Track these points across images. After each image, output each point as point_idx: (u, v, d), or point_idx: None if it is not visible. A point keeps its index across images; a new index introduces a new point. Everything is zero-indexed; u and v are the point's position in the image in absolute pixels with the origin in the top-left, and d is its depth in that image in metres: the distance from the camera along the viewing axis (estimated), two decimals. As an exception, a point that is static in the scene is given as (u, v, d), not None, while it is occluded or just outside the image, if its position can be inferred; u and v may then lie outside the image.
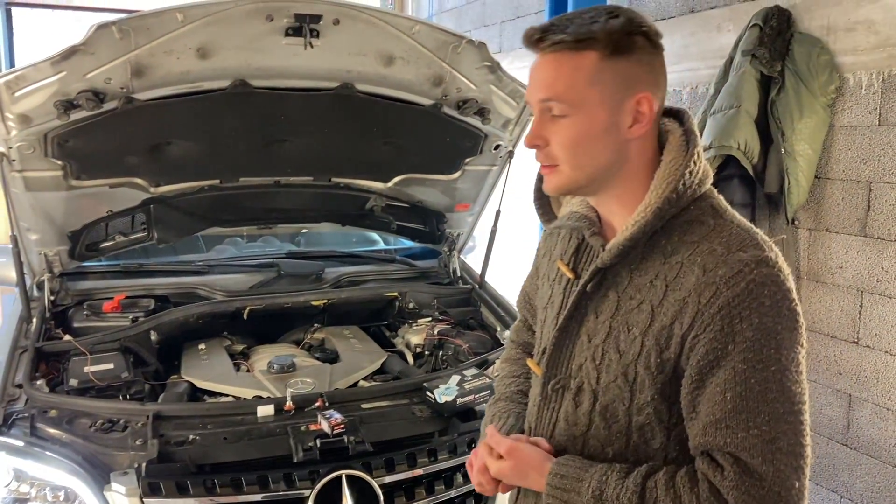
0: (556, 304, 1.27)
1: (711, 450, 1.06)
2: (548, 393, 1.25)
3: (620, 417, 1.16)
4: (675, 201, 1.11)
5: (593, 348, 1.17)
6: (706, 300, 1.05)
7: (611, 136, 1.12)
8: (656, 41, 1.13)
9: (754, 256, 1.06)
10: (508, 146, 2.90)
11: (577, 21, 1.10)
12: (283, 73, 2.36)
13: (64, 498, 2.03)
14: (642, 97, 1.10)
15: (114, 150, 2.52)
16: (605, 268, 1.16)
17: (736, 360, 1.04)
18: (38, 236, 2.70)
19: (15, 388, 2.27)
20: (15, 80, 2.12)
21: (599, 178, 1.15)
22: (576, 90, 1.10)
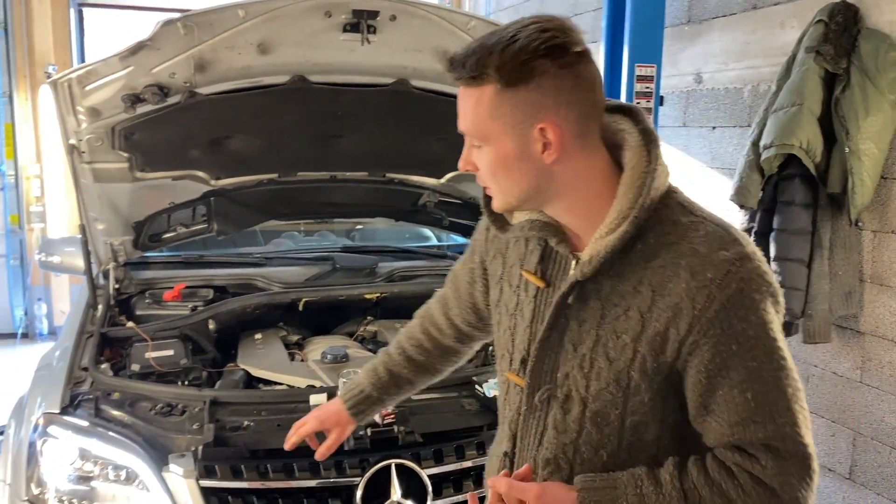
0: (527, 314, 1.25)
1: (742, 444, 1.09)
2: (534, 403, 1.23)
3: (612, 420, 1.16)
4: (648, 206, 1.10)
5: (580, 357, 1.17)
6: (701, 305, 1.07)
7: (526, 164, 1.11)
8: (565, 59, 1.07)
9: (737, 254, 1.08)
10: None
11: (479, 51, 1.07)
12: (340, 68, 2.40)
13: (125, 477, 2.11)
14: (544, 126, 1.08)
15: (176, 144, 2.60)
16: (585, 279, 1.15)
17: (745, 358, 1.07)
18: (104, 226, 2.80)
19: (81, 371, 2.37)
20: (86, 74, 2.21)
21: (530, 199, 1.16)
22: (480, 124, 1.11)
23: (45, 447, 2.13)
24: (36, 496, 2.09)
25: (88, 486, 2.10)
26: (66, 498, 2.08)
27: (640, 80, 3.72)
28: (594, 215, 1.14)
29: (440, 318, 1.58)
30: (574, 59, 1.07)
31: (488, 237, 1.39)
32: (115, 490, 2.10)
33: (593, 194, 1.14)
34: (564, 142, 1.09)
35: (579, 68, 1.08)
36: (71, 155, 2.45)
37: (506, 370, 1.31)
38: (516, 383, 1.27)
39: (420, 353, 1.60)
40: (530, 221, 1.23)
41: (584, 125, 1.11)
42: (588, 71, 1.09)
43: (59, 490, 2.09)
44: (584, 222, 1.16)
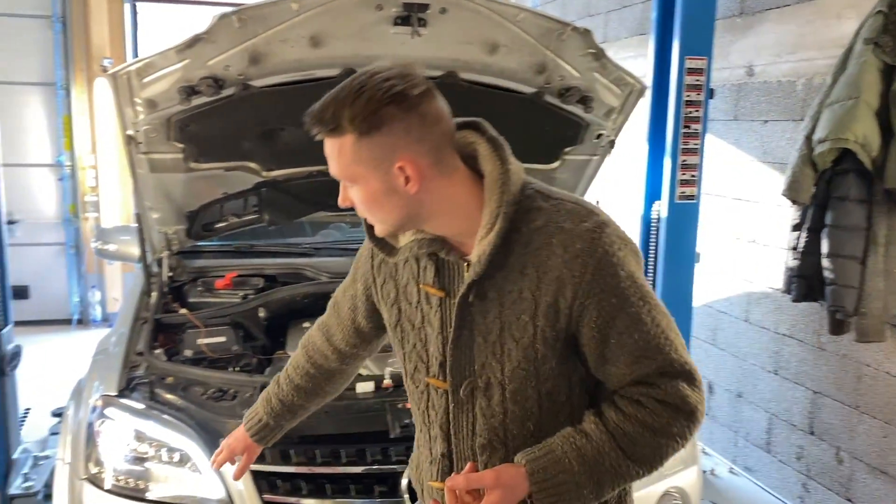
0: (435, 323, 1.37)
1: (642, 378, 1.27)
2: (460, 398, 1.36)
3: (530, 394, 1.32)
4: (512, 202, 1.24)
5: (491, 345, 1.31)
6: (578, 272, 1.23)
7: (394, 197, 1.24)
8: (408, 103, 1.19)
9: (596, 223, 1.25)
10: (610, 135, 2.87)
11: (332, 106, 1.20)
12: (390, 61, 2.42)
13: (178, 459, 2.17)
14: (402, 164, 1.21)
15: (230, 135, 2.65)
16: (479, 278, 1.28)
17: (625, 307, 1.24)
18: (159, 215, 2.87)
19: (137, 356, 2.44)
20: (144, 67, 2.27)
21: (405, 224, 1.31)
22: (345, 169, 1.24)
23: (103, 428, 2.21)
24: (94, 475, 2.17)
25: (143, 466, 2.18)
26: (122, 477, 2.16)
27: (690, 72, 3.66)
28: (470, 222, 1.28)
29: (323, 344, 1.70)
30: (416, 100, 1.20)
31: (374, 264, 1.51)
32: (168, 471, 2.17)
33: (463, 205, 1.28)
34: (422, 173, 1.23)
35: (422, 108, 1.21)
36: (128, 145, 2.52)
37: (425, 378, 1.42)
38: (438, 386, 1.40)
39: (307, 381, 1.72)
40: (416, 241, 1.35)
41: (437, 153, 1.24)
42: (431, 107, 1.23)
43: (116, 470, 2.16)
44: (464, 230, 1.30)
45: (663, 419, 1.26)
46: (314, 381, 1.72)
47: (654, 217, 3.86)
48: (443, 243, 1.33)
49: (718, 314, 4.19)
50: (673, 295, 3.80)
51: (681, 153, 3.70)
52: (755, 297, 3.86)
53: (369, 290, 1.53)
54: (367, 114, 1.18)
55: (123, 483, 2.15)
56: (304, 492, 2.10)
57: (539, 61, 2.49)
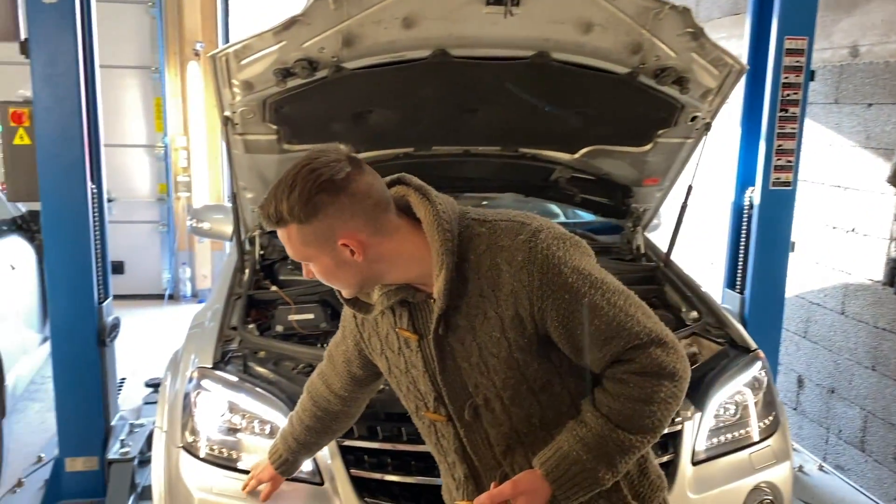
0: (419, 364, 1.49)
1: (616, 357, 1.35)
2: (467, 421, 1.47)
3: (525, 395, 1.42)
4: (451, 237, 1.35)
5: (475, 366, 1.41)
6: (527, 281, 1.32)
7: (346, 267, 1.38)
8: (339, 184, 1.31)
9: (529, 232, 1.34)
10: (706, 118, 2.78)
11: (273, 203, 1.33)
12: (481, 42, 2.40)
13: (269, 431, 2.23)
14: (344, 241, 1.34)
15: (321, 117, 2.69)
16: (444, 311, 1.38)
17: (579, 299, 1.32)
18: (252, 195, 2.95)
19: (230, 330, 2.51)
20: (242, 49, 2.32)
21: (368, 283, 1.45)
22: (298, 252, 1.39)
23: (199, 399, 2.29)
24: (190, 443, 2.25)
25: (235, 437, 2.25)
26: (216, 447, 2.23)
27: (789, 53, 3.51)
28: (424, 265, 1.39)
29: (324, 390, 1.86)
30: (343, 183, 1.32)
31: (357, 322, 1.65)
32: (259, 443, 2.23)
33: (413, 254, 1.40)
34: (363, 243, 1.36)
35: (350, 188, 1.32)
36: (225, 126, 2.59)
37: (426, 414, 1.54)
38: (439, 420, 1.51)
39: (315, 421, 1.90)
40: (385, 294, 1.47)
41: (374, 222, 1.36)
42: (359, 185, 1.33)
43: (210, 439, 2.24)
44: (422, 273, 1.41)
45: (648, 389, 1.34)
46: (321, 421, 1.90)
47: (747, 204, 3.73)
48: (408, 289, 1.45)
49: (811, 306, 4.03)
50: (764, 285, 3.67)
51: (777, 137, 3.56)
52: (852, 289, 3.70)
53: (360, 346, 1.68)
54: (301, 205, 1.31)
55: (217, 452, 2.23)
56: (390, 468, 2.13)
57: (634, 41, 2.42)
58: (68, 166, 3.15)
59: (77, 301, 3.29)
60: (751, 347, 2.56)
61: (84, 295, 3.30)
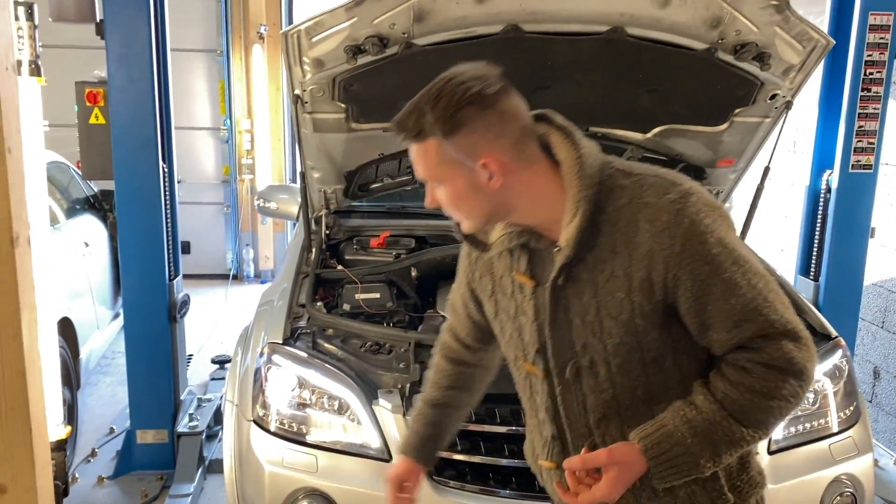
0: (529, 312, 1.40)
1: (744, 342, 1.26)
2: (566, 380, 1.38)
3: (636, 365, 1.33)
4: (591, 184, 1.26)
5: (589, 325, 1.33)
6: (667, 245, 1.23)
7: (478, 193, 1.29)
8: (485, 102, 1.24)
9: (679, 192, 1.25)
10: (787, 96, 2.66)
11: (415, 114, 1.27)
12: (554, 16, 2.34)
13: (338, 407, 2.26)
14: (485, 161, 1.26)
15: (390, 95, 2.65)
16: (569, 261, 1.30)
17: (718, 273, 1.23)
18: (320, 174, 2.96)
19: (299, 308, 2.54)
20: (314, 25, 2.32)
21: (491, 218, 1.35)
22: (431, 170, 1.30)
23: (270, 374, 2.32)
24: (261, 417, 2.29)
25: (304, 412, 2.27)
26: (286, 421, 2.26)
27: (873, 29, 3.36)
28: (555, 209, 1.31)
29: (454, 343, 1.74)
30: (493, 99, 1.25)
31: (471, 261, 1.56)
32: (328, 419, 2.26)
33: (546, 194, 1.31)
34: (505, 167, 1.27)
35: (500, 105, 1.26)
36: (295, 105, 2.60)
37: (523, 365, 1.45)
38: (536, 373, 1.43)
39: (454, 380, 1.74)
40: (507, 234, 1.39)
41: (518, 147, 1.28)
42: (508, 104, 1.28)
43: (280, 413, 2.27)
44: (550, 218, 1.32)
45: (771, 383, 1.26)
46: (459, 379, 1.74)
47: (824, 188, 3.59)
48: (532, 233, 1.37)
49: (890, 294, 3.87)
50: (841, 271, 3.55)
51: (858, 118, 3.42)
52: (937, 278, 3.53)
53: (472, 286, 1.59)
54: (447, 116, 1.24)
55: (287, 426, 2.26)
56: (459, 448, 2.12)
57: (714, 15, 2.33)
58: (141, 145, 3.23)
59: (149, 278, 3.38)
60: (831, 335, 2.46)
61: (156, 272, 3.39)
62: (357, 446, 2.20)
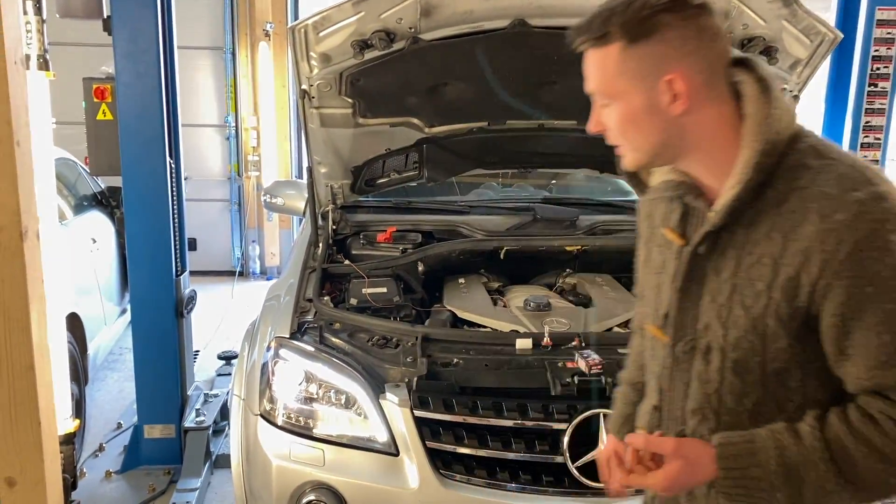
0: (670, 270, 1.27)
1: (882, 389, 1.09)
2: (677, 356, 1.26)
3: (753, 368, 1.17)
4: (770, 152, 1.11)
5: (717, 307, 1.19)
6: (831, 247, 1.06)
7: (654, 117, 1.14)
8: (686, 12, 1.10)
9: (870, 193, 1.05)
10: (793, 90, 2.66)
11: (602, 13, 1.13)
12: (562, 10, 2.35)
13: (345, 401, 2.25)
14: (671, 77, 1.11)
15: (397, 90, 2.68)
16: (717, 230, 1.16)
17: (881, 300, 1.05)
18: (326, 169, 2.97)
19: (306, 302, 2.55)
20: (321, 20, 2.33)
21: (660, 153, 1.19)
22: (607, 82, 1.15)
23: (277, 368, 2.32)
24: (267, 411, 2.29)
25: (312, 406, 2.27)
26: (293, 415, 2.27)
27: (880, 24, 3.35)
28: (725, 166, 1.15)
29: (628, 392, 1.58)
30: (695, 11, 1.11)
31: (642, 209, 1.42)
32: (335, 413, 2.26)
33: (722, 145, 1.16)
34: (691, 91, 1.12)
35: (701, 20, 1.12)
36: (302, 100, 2.61)
37: (649, 326, 1.33)
38: (659, 338, 1.30)
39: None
40: (666, 182, 1.27)
41: (709, 74, 1.13)
42: (710, 23, 1.13)
43: (287, 407, 2.28)
44: (716, 173, 1.18)
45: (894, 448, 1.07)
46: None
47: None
48: (692, 187, 1.22)
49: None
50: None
51: (864, 113, 3.42)
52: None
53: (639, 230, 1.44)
54: (640, 19, 1.10)
55: (294, 420, 2.26)
56: (465, 441, 2.13)
57: (722, 8, 2.32)
58: (148, 141, 3.25)
59: (156, 273, 3.40)
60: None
61: (163, 267, 3.40)
62: (364, 440, 2.20)
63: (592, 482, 2.03)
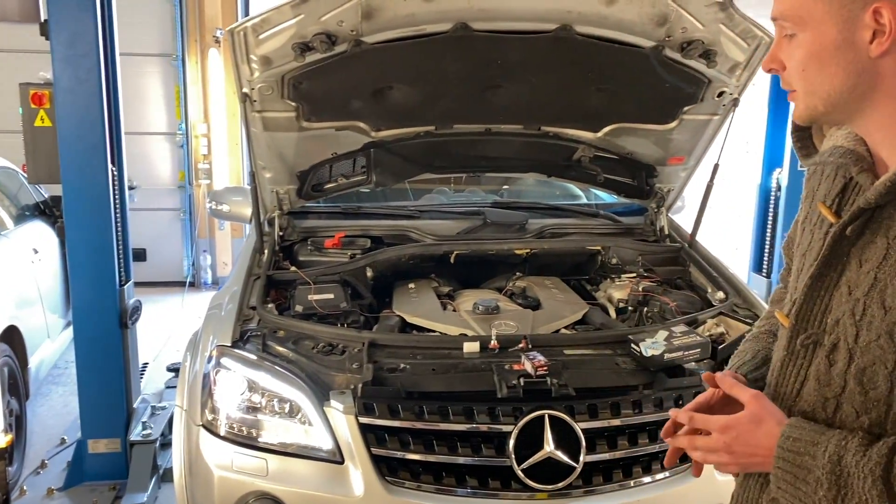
0: (814, 251, 1.12)
1: None
2: (796, 348, 1.11)
3: (880, 383, 1.00)
4: None
5: (853, 301, 1.03)
6: None
7: (846, 55, 0.98)
8: None
9: None
10: (734, 93, 2.70)
11: None
12: (503, 14, 2.35)
13: (289, 410, 2.21)
14: (880, 6, 0.94)
15: (341, 94, 2.66)
16: (872, 208, 1.00)
17: None
18: (271, 175, 2.92)
19: (249, 310, 2.50)
20: (260, 23, 2.29)
21: (841, 103, 1.02)
22: (799, 5, 1.00)
23: (219, 377, 2.27)
24: (209, 421, 2.24)
25: (255, 415, 2.23)
26: (235, 425, 2.22)
27: None
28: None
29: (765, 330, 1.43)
30: None
31: (806, 178, 1.25)
32: (279, 422, 2.21)
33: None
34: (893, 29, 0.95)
35: None
36: (243, 103, 2.56)
37: (779, 313, 1.18)
38: (783, 324, 1.15)
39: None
40: (833, 148, 1.12)
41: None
42: None
43: (229, 417, 2.23)
44: (892, 142, 1.02)
45: None
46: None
47: (774, 185, 3.66)
48: (859, 158, 1.07)
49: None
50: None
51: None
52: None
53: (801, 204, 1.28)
54: None
55: (237, 430, 2.21)
56: (412, 446, 2.10)
57: (661, 12, 2.36)
58: (89, 149, 3.16)
59: (98, 283, 3.31)
60: (780, 328, 2.49)
61: (105, 277, 3.31)
62: (308, 448, 2.16)
63: (538, 484, 2.03)
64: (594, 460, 2.08)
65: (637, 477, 2.13)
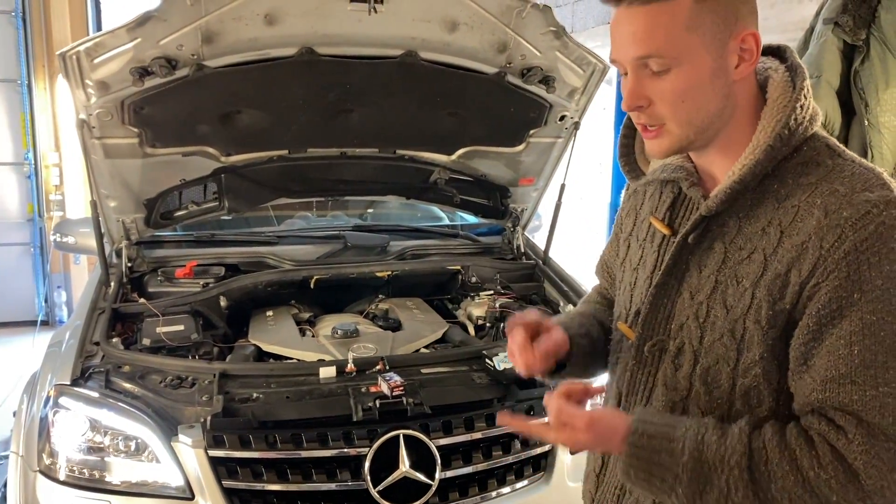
0: (648, 264, 1.19)
1: (829, 408, 0.99)
2: (643, 356, 1.17)
3: (723, 381, 1.08)
4: (786, 139, 1.04)
5: (696, 305, 1.10)
6: (829, 244, 0.97)
7: (718, 81, 1.04)
8: None
9: (882, 197, 0.98)
10: (574, 117, 2.85)
11: None
12: (348, 39, 2.37)
13: (135, 448, 2.12)
14: (747, 34, 1.02)
15: (186, 118, 2.59)
16: (710, 216, 1.08)
17: (864, 310, 0.96)
18: (116, 203, 2.80)
19: (92, 346, 2.38)
20: (94, 46, 2.20)
21: (711, 128, 1.07)
22: (674, 40, 1.01)
23: (57, 418, 2.14)
24: (48, 466, 2.11)
25: (98, 456, 2.12)
26: (76, 468, 2.10)
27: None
28: (733, 149, 1.08)
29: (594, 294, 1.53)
30: None
31: (626, 195, 1.33)
32: (124, 461, 2.11)
33: (741, 124, 1.08)
34: (758, 54, 1.04)
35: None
36: (81, 130, 2.45)
37: (620, 325, 1.24)
38: (627, 336, 1.21)
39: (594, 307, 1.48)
40: (662, 166, 1.17)
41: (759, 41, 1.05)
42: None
43: (70, 460, 2.10)
44: (724, 159, 1.09)
45: (825, 479, 0.97)
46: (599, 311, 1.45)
47: (622, 203, 3.86)
48: (689, 174, 1.14)
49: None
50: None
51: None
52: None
53: (618, 226, 1.35)
54: None
55: (78, 473, 2.09)
56: (265, 477, 2.05)
57: (500, 40, 2.46)
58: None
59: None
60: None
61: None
62: (157, 486, 2.07)
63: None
64: (450, 476, 2.11)
65: (492, 489, 2.17)
